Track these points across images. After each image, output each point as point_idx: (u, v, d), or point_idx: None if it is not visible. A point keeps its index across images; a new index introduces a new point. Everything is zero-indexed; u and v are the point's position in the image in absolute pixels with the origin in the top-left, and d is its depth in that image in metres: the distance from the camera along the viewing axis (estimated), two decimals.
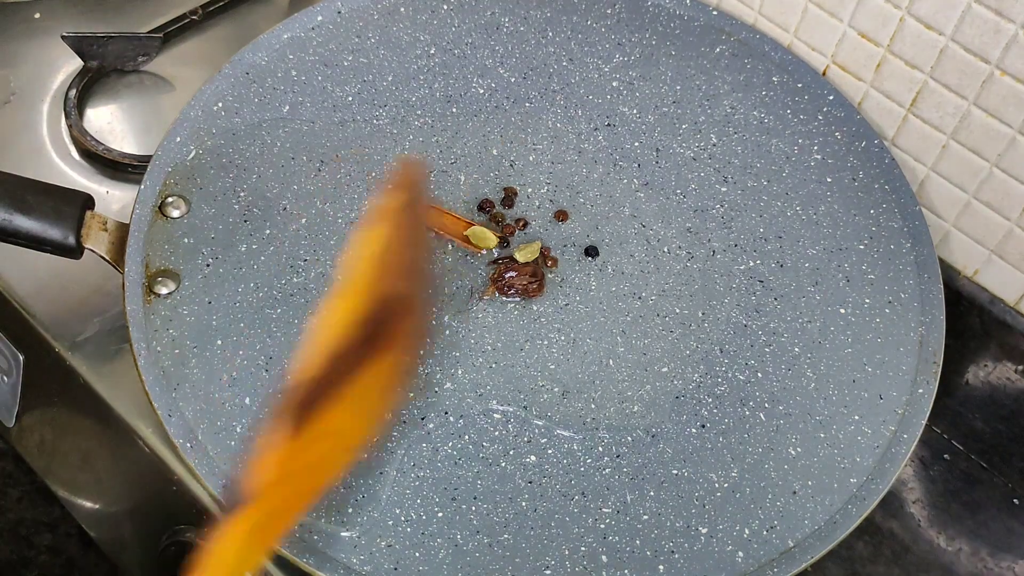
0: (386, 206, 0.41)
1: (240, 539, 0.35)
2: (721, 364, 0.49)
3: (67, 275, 0.56)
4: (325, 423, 0.38)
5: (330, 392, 0.38)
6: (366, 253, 0.40)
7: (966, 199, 0.56)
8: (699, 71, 0.59)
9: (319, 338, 0.38)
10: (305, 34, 0.58)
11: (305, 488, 0.38)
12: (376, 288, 0.40)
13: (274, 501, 0.36)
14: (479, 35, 0.59)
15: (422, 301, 0.45)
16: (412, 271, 0.43)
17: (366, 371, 0.39)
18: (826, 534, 0.44)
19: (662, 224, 0.53)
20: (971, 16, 0.50)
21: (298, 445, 0.37)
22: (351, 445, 0.40)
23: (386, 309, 0.40)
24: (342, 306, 0.39)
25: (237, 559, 0.35)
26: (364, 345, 0.39)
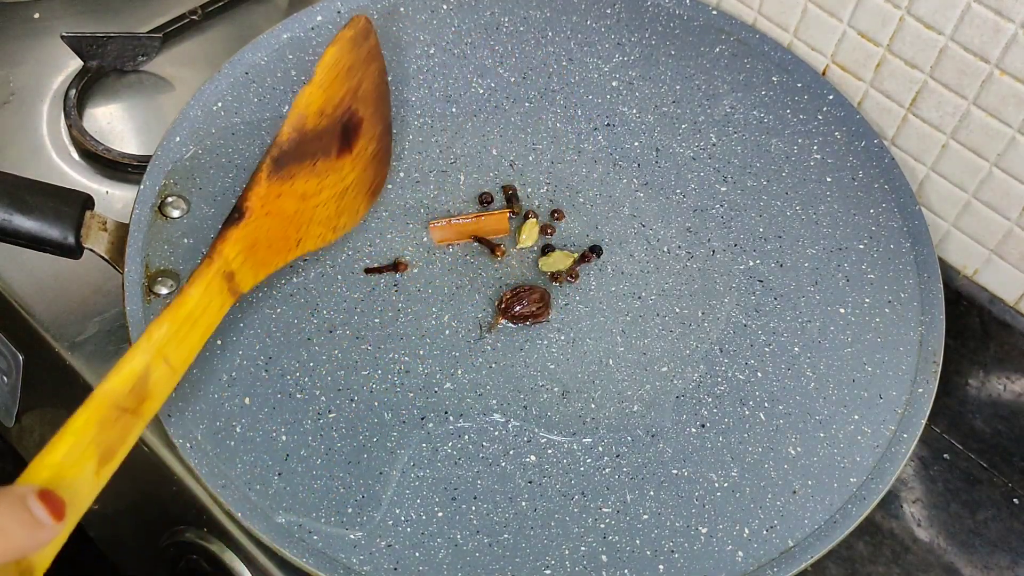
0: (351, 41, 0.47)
1: (234, 256, 0.42)
2: (721, 364, 0.49)
3: (67, 275, 0.56)
4: (302, 184, 0.44)
5: (308, 158, 0.44)
6: (340, 63, 0.46)
7: (966, 199, 0.56)
8: (699, 71, 0.59)
9: (296, 114, 0.44)
10: (305, 34, 0.58)
11: (283, 236, 0.44)
12: (348, 92, 0.46)
13: (259, 230, 0.42)
14: (479, 35, 0.59)
15: (386, 123, 0.51)
16: (377, 94, 0.49)
17: (343, 160, 0.46)
18: (826, 534, 0.44)
19: (662, 224, 0.53)
20: (971, 16, 0.50)
21: (277, 188, 0.43)
22: (331, 220, 0.47)
23: (355, 114, 0.46)
24: (318, 96, 0.45)
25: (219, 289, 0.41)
26: (339, 133, 0.45)
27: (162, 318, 0.40)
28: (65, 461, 0.35)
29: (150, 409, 0.39)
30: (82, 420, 0.36)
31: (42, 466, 0.34)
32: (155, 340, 0.39)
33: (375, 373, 0.47)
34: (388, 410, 0.46)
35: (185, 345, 0.40)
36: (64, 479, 0.34)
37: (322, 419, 0.46)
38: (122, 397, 0.37)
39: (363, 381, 0.47)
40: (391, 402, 0.47)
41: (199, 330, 0.41)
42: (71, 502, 0.34)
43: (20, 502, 0.31)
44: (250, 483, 0.43)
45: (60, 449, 0.35)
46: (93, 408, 0.36)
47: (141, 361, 0.38)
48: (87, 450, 0.35)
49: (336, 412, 0.46)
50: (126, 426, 0.37)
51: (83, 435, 0.35)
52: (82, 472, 0.35)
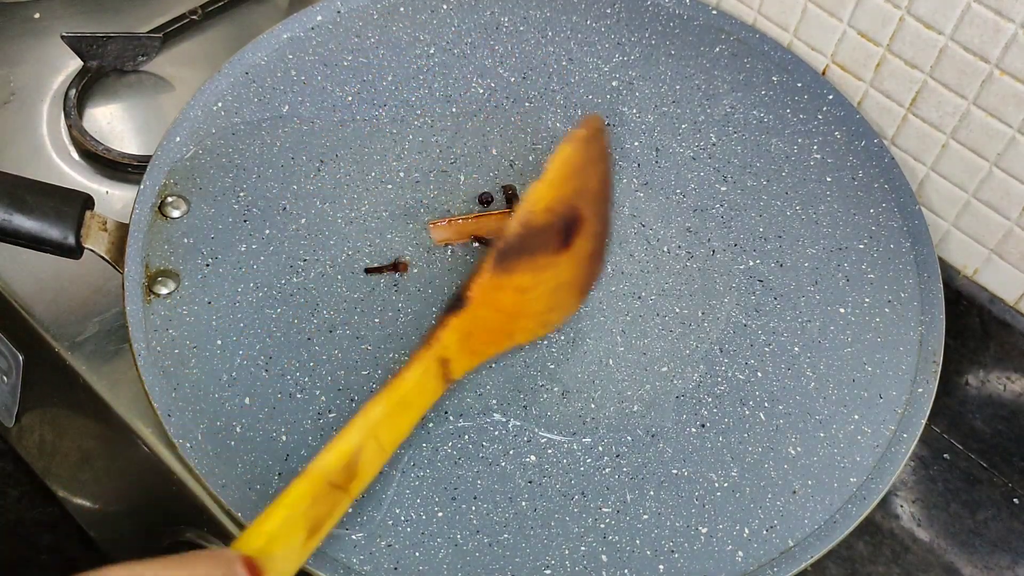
0: (585, 141, 0.47)
1: (451, 343, 0.43)
2: (721, 364, 0.49)
3: (67, 275, 0.56)
4: (521, 278, 0.45)
5: (530, 253, 0.45)
6: (571, 162, 0.46)
7: (966, 198, 0.56)
8: (699, 71, 0.59)
9: (525, 210, 0.45)
10: (305, 34, 0.58)
11: (495, 328, 0.45)
12: (574, 190, 0.46)
13: (477, 320, 0.44)
14: (479, 35, 0.59)
15: (605, 222, 0.51)
16: (601, 194, 0.49)
17: (561, 257, 0.46)
18: (826, 534, 0.44)
19: (662, 224, 0.53)
20: (971, 16, 0.50)
21: (498, 281, 0.44)
22: (542, 315, 0.47)
23: (578, 212, 0.47)
24: (547, 193, 0.45)
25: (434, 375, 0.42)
26: (560, 230, 0.46)
27: (378, 398, 0.40)
28: (278, 531, 0.36)
29: (357, 488, 0.39)
30: (296, 493, 0.37)
31: (257, 533, 0.35)
32: (370, 419, 0.39)
33: (375, 373, 0.47)
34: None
35: (397, 427, 0.41)
36: (275, 548, 0.35)
37: (322, 419, 0.46)
38: (335, 474, 0.38)
39: (363, 381, 0.47)
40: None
41: (411, 413, 0.42)
42: (276, 571, 0.35)
43: (229, 565, 0.33)
44: (250, 483, 0.43)
45: (275, 519, 0.36)
46: (308, 482, 0.37)
47: (355, 439, 0.39)
48: (298, 522, 0.36)
49: (336, 412, 0.46)
50: (335, 502, 0.38)
51: (296, 508, 0.36)
52: (291, 543, 0.36)
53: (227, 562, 0.33)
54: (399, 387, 0.41)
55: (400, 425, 0.41)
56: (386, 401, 0.40)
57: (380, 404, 0.40)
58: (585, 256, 0.48)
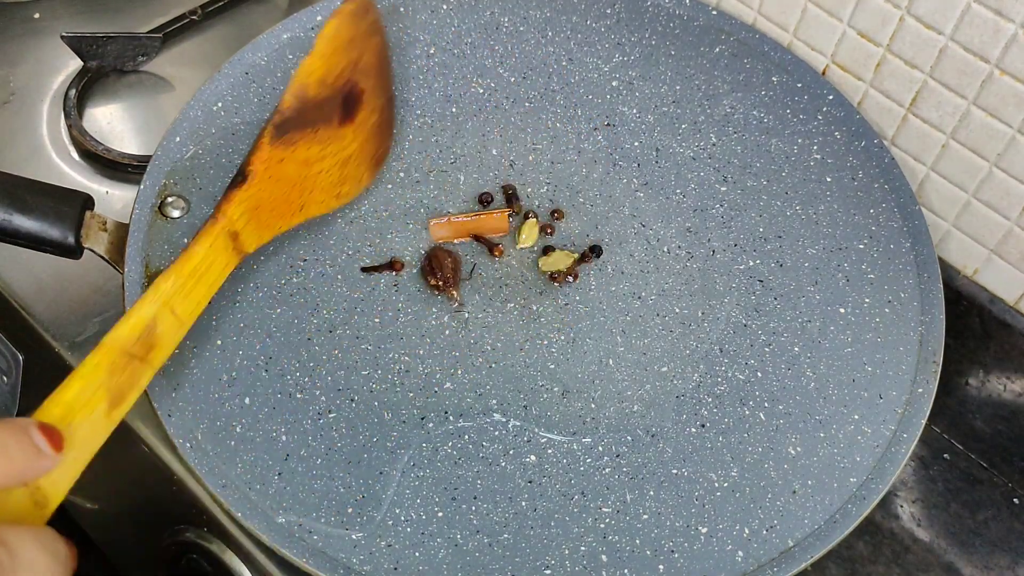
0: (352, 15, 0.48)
1: (237, 216, 0.44)
2: (721, 364, 0.49)
3: (67, 275, 0.56)
4: (304, 151, 0.46)
5: (309, 125, 0.46)
6: (340, 36, 0.47)
7: (966, 198, 0.56)
8: (699, 71, 0.59)
9: (298, 83, 0.46)
10: (305, 34, 0.58)
11: (285, 200, 0.46)
12: (348, 63, 0.47)
13: (262, 193, 0.45)
14: (479, 35, 0.59)
15: (388, 95, 0.52)
16: (379, 67, 0.50)
17: (344, 129, 0.47)
18: (826, 533, 0.44)
19: (662, 224, 0.53)
20: (971, 16, 0.50)
21: (279, 153, 0.45)
22: (334, 187, 0.48)
23: (356, 85, 0.48)
24: (317, 66, 0.46)
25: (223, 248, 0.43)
26: (340, 103, 0.47)
27: (168, 272, 0.42)
28: (75, 401, 0.37)
29: (158, 357, 0.40)
30: (92, 364, 0.38)
31: (53, 404, 0.36)
32: (162, 292, 0.41)
33: (375, 373, 0.47)
34: (388, 410, 0.46)
35: (191, 298, 0.42)
36: (75, 418, 0.36)
37: (322, 419, 0.46)
38: (130, 344, 0.39)
39: (363, 381, 0.47)
40: (391, 402, 0.47)
41: (204, 285, 0.43)
42: (80, 438, 0.36)
43: (21, 430, 0.34)
44: (250, 483, 0.43)
45: (70, 390, 0.37)
46: (103, 354, 0.38)
47: (148, 311, 0.40)
48: (97, 392, 0.37)
49: (336, 412, 0.46)
50: (135, 372, 0.39)
51: (93, 378, 0.37)
52: (92, 412, 0.37)
53: (22, 428, 0.34)
54: (188, 260, 0.42)
55: (194, 296, 0.42)
56: (176, 273, 0.42)
57: (170, 277, 0.42)
58: (371, 128, 0.50)
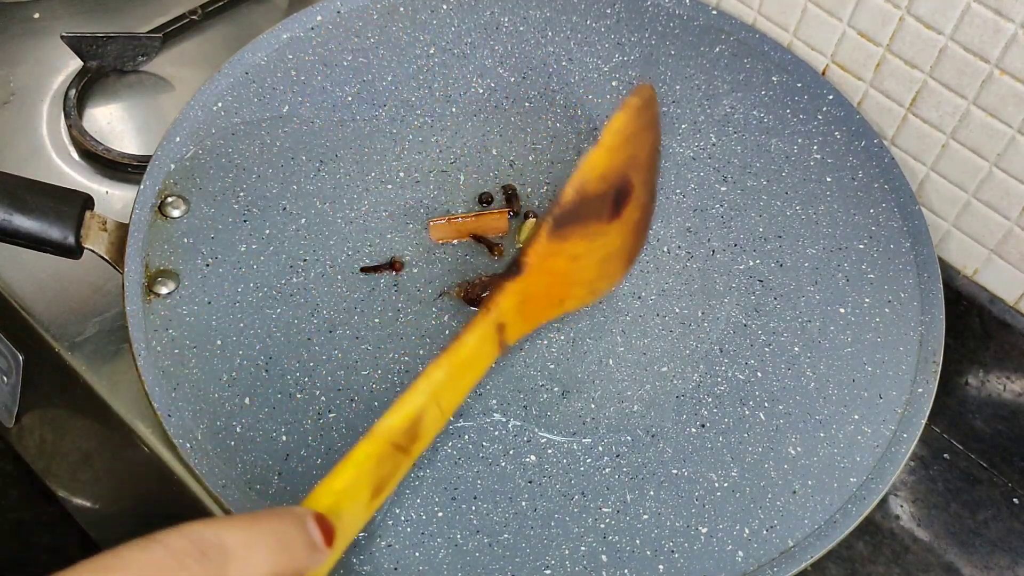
0: (637, 109, 0.47)
1: (508, 309, 0.43)
2: (721, 364, 0.49)
3: (67, 275, 0.56)
4: (574, 246, 0.45)
5: (583, 220, 0.45)
6: (625, 130, 0.46)
7: (966, 198, 0.56)
8: (698, 71, 0.59)
9: (581, 177, 0.44)
10: (304, 34, 0.58)
11: (550, 294, 0.46)
12: (626, 159, 0.46)
13: (532, 286, 0.44)
14: (479, 35, 0.59)
15: (652, 192, 0.50)
16: (649, 164, 0.49)
17: (611, 225, 0.46)
18: (826, 533, 0.44)
19: (662, 224, 0.53)
20: (970, 16, 0.50)
21: (553, 248, 0.44)
22: (591, 282, 0.48)
23: (629, 181, 0.47)
24: (602, 161, 0.45)
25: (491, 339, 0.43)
26: (612, 199, 0.46)
27: (440, 362, 0.41)
28: (346, 490, 0.36)
29: (419, 449, 0.40)
30: (363, 453, 0.37)
31: (325, 492, 0.36)
32: (433, 383, 0.40)
33: (375, 373, 0.47)
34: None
35: (457, 390, 0.42)
36: (342, 507, 0.36)
37: (322, 419, 0.46)
38: (399, 435, 0.39)
39: (363, 381, 0.47)
40: (391, 402, 0.46)
41: (469, 376, 0.42)
42: (344, 529, 0.36)
43: (302, 522, 0.33)
44: (250, 483, 0.43)
45: (342, 478, 0.36)
46: (373, 443, 0.38)
47: (419, 402, 0.39)
48: (364, 482, 0.37)
49: (336, 412, 0.46)
50: (397, 463, 0.39)
51: (363, 468, 0.37)
52: (357, 502, 0.37)
53: (299, 518, 0.33)
54: (460, 351, 0.41)
55: (459, 387, 0.42)
56: (447, 365, 0.41)
57: (442, 367, 0.41)
58: (633, 225, 0.49)
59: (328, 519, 0.34)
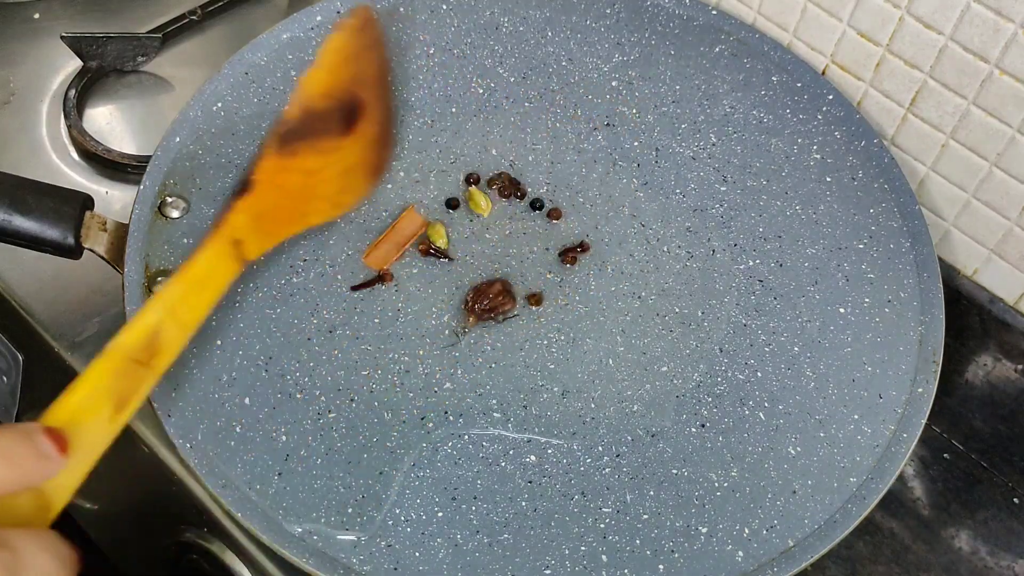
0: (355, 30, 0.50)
1: (240, 225, 0.44)
2: (721, 364, 0.49)
3: (67, 275, 0.56)
4: (306, 160, 0.47)
5: (312, 136, 0.47)
6: (344, 49, 0.49)
7: (965, 198, 0.56)
8: (698, 71, 0.59)
9: (302, 94, 0.47)
10: (304, 34, 0.58)
11: (286, 209, 0.47)
12: (351, 77, 0.48)
13: (265, 201, 0.45)
14: (478, 35, 0.59)
15: (388, 107, 0.53)
16: (380, 80, 0.51)
17: (345, 140, 0.48)
18: (826, 533, 0.44)
19: (662, 224, 0.53)
20: (970, 15, 0.50)
21: (282, 163, 0.46)
22: (334, 196, 0.49)
23: (358, 97, 0.49)
24: (323, 78, 0.48)
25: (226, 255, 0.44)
26: (342, 115, 0.48)
27: (172, 279, 0.42)
28: (81, 406, 0.37)
29: (161, 363, 0.41)
30: (98, 370, 0.38)
31: (59, 409, 0.37)
32: (166, 299, 0.41)
33: (375, 373, 0.47)
34: (388, 410, 0.46)
35: (194, 305, 0.43)
36: (80, 422, 0.37)
37: (322, 419, 0.46)
38: (135, 350, 0.39)
39: (363, 381, 0.47)
40: (391, 402, 0.47)
41: (208, 292, 0.43)
42: (85, 442, 0.36)
43: (27, 435, 0.34)
44: (250, 483, 0.43)
45: (77, 395, 0.37)
46: (108, 359, 0.39)
47: (153, 317, 0.40)
48: (102, 397, 0.38)
49: (336, 412, 0.46)
50: (139, 377, 0.39)
51: (98, 383, 0.38)
52: (97, 417, 0.37)
53: (27, 432, 0.34)
54: (192, 268, 0.43)
55: (198, 304, 0.43)
56: (180, 281, 0.42)
57: (175, 284, 0.42)
58: (371, 139, 0.51)
59: (60, 430, 0.35)
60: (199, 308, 0.43)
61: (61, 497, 0.36)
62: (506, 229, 0.53)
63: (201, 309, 0.43)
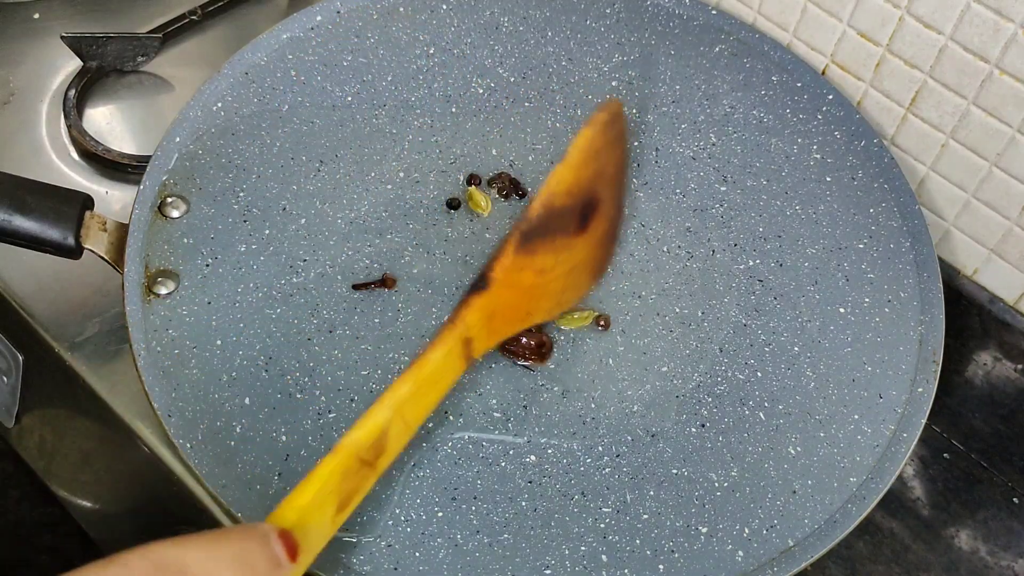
0: (604, 125, 0.48)
1: (474, 323, 0.43)
2: (721, 364, 0.49)
3: (67, 275, 0.56)
4: (541, 260, 0.46)
5: (551, 234, 0.46)
6: (591, 145, 0.47)
7: (965, 198, 0.56)
8: (698, 71, 0.59)
9: (548, 192, 0.45)
10: (304, 34, 0.58)
11: (516, 308, 0.46)
12: (593, 174, 0.47)
13: (499, 300, 0.44)
14: (478, 35, 0.59)
15: (620, 206, 0.52)
16: (617, 178, 0.50)
17: (578, 239, 0.47)
18: (826, 533, 0.44)
19: (662, 224, 0.53)
20: (970, 15, 0.50)
21: (520, 261, 0.45)
22: (558, 295, 0.48)
23: (596, 195, 0.48)
24: (568, 176, 0.46)
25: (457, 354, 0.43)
26: (579, 213, 0.47)
27: (405, 377, 0.41)
28: (311, 506, 0.36)
29: (384, 464, 0.40)
30: (328, 469, 0.37)
31: (290, 508, 0.36)
32: (398, 398, 0.40)
33: (375, 373, 0.47)
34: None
35: (422, 404, 0.42)
36: (307, 522, 0.36)
37: (322, 419, 0.46)
38: (364, 450, 0.38)
39: (363, 381, 0.47)
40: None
41: (435, 390, 0.42)
42: (309, 544, 0.36)
43: (265, 539, 0.33)
44: (250, 483, 0.43)
45: (307, 493, 0.36)
46: (339, 458, 0.38)
47: (384, 417, 0.39)
48: (329, 497, 0.37)
49: (336, 412, 0.46)
50: (363, 477, 0.39)
51: (328, 483, 0.37)
52: (322, 517, 0.37)
53: (263, 536, 0.33)
54: (425, 366, 0.41)
55: (424, 403, 0.42)
56: (412, 380, 0.41)
57: (407, 383, 0.40)
58: (600, 238, 0.49)
59: (292, 534, 0.34)
60: (425, 407, 0.42)
61: None
62: (506, 229, 0.53)
63: (427, 408, 0.42)
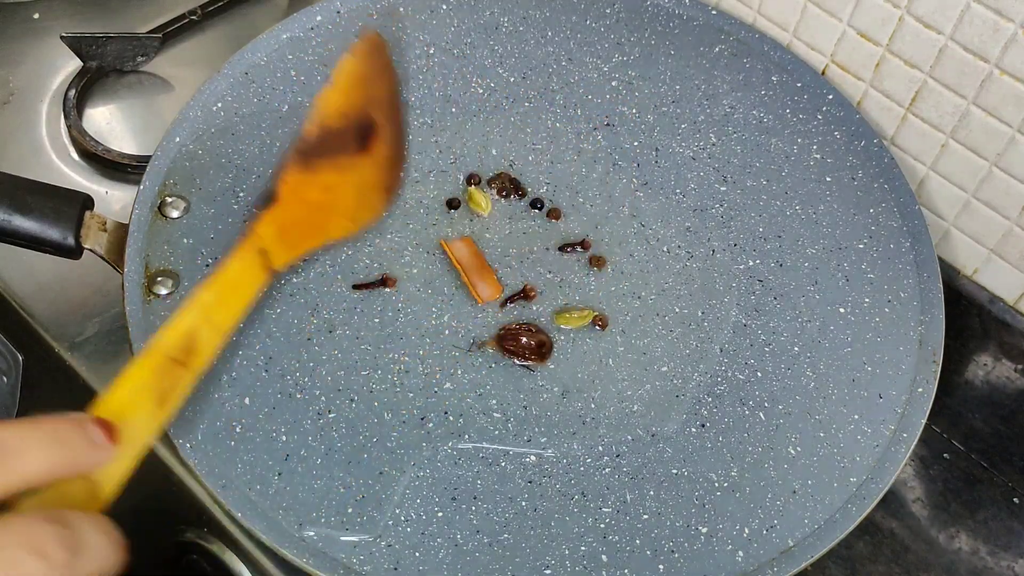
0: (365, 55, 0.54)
1: (266, 235, 0.47)
2: (721, 364, 0.49)
3: (67, 275, 0.56)
4: (325, 177, 0.51)
5: (330, 153, 0.51)
6: (356, 72, 0.53)
7: (965, 198, 0.56)
8: (698, 70, 0.59)
9: (319, 114, 0.51)
10: (304, 34, 0.58)
11: (308, 222, 0.50)
12: (364, 99, 0.52)
13: (289, 213, 0.49)
14: (478, 35, 0.59)
15: (399, 129, 0.55)
16: (391, 103, 0.55)
17: (361, 159, 0.52)
18: (826, 533, 0.44)
19: (662, 224, 0.53)
20: (970, 15, 0.50)
21: (303, 177, 0.50)
22: (352, 211, 0.51)
23: (371, 118, 0.53)
24: (337, 99, 0.52)
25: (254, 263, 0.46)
26: (356, 134, 0.52)
27: (206, 285, 0.44)
28: (125, 400, 0.39)
29: (197, 364, 0.42)
30: (139, 367, 0.40)
31: (104, 403, 0.38)
32: (201, 304, 0.43)
33: (375, 373, 0.47)
34: (388, 410, 0.46)
35: (226, 309, 0.45)
36: (125, 416, 0.38)
37: (322, 419, 0.46)
38: (173, 350, 0.41)
39: (363, 381, 0.47)
40: (391, 402, 0.47)
41: (238, 298, 0.45)
42: (131, 435, 0.38)
43: (79, 423, 0.35)
44: (250, 483, 0.43)
45: (120, 391, 0.39)
46: (148, 357, 0.41)
47: (188, 319, 0.43)
48: (144, 393, 0.40)
49: (336, 412, 0.46)
50: (177, 376, 0.41)
51: (140, 380, 0.40)
52: (140, 411, 0.39)
53: (79, 422, 0.35)
54: (224, 275, 0.45)
55: (230, 308, 0.45)
56: (212, 286, 0.44)
57: (207, 290, 0.44)
58: (384, 159, 0.53)
59: (110, 421, 0.36)
60: (231, 312, 0.45)
61: (110, 487, 0.37)
62: (506, 229, 0.53)
63: (233, 313, 0.45)
